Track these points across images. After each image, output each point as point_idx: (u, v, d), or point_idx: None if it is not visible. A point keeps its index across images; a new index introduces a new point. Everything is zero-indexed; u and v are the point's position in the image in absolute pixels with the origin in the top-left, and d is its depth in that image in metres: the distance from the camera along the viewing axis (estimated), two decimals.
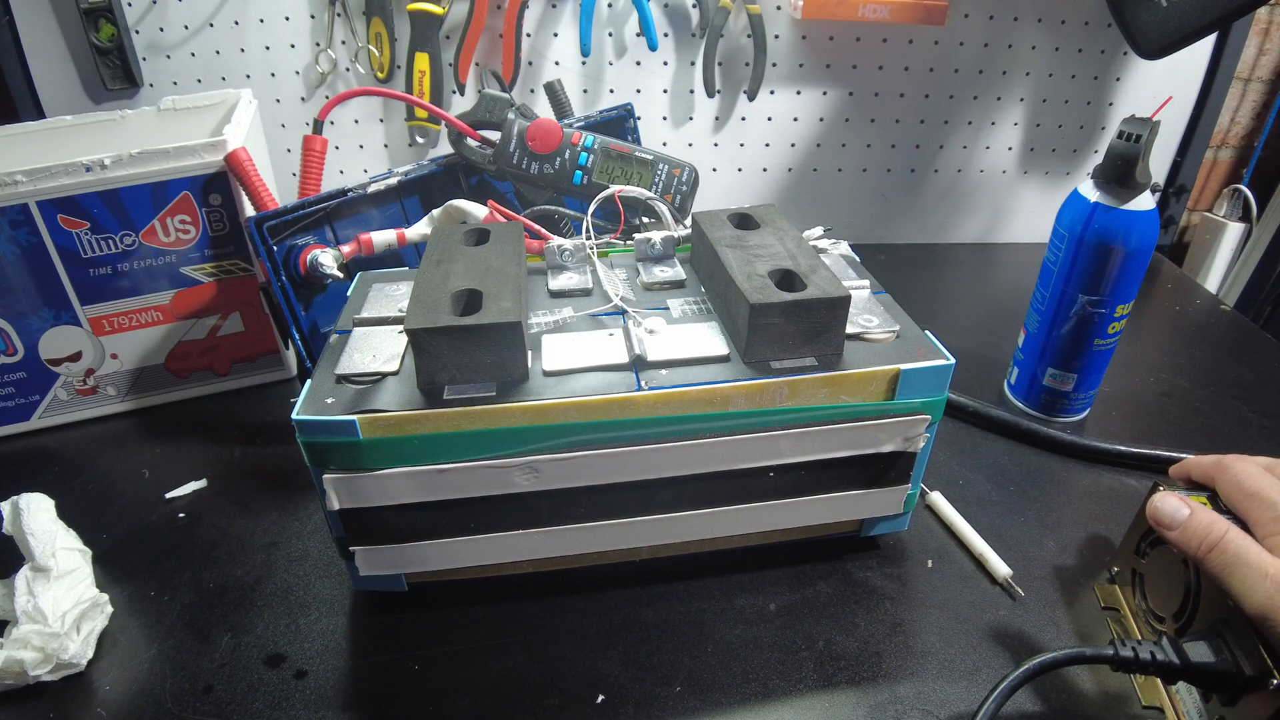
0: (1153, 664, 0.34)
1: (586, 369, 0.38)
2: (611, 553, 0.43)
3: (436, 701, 0.38)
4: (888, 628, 0.42)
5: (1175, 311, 0.77)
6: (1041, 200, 0.88)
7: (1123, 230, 0.50)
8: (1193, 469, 0.40)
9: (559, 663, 0.40)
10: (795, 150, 0.83)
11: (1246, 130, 0.99)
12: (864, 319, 0.42)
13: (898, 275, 0.80)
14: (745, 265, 0.41)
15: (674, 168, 0.59)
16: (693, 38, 0.76)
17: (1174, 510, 0.36)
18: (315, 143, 0.60)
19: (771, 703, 0.38)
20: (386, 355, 0.39)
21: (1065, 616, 0.43)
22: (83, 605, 0.40)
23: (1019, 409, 0.60)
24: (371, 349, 0.40)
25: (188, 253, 0.56)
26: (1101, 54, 0.80)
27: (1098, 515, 0.50)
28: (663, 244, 0.48)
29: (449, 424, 0.36)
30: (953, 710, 0.38)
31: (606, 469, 0.38)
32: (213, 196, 0.55)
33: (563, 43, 0.75)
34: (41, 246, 0.52)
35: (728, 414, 0.38)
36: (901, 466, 0.42)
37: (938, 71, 0.80)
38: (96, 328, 0.56)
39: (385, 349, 0.40)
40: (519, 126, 0.58)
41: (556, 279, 0.46)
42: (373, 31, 0.73)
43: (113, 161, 0.51)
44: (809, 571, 0.45)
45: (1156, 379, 0.65)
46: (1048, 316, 0.55)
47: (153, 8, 0.71)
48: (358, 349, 0.40)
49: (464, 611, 0.43)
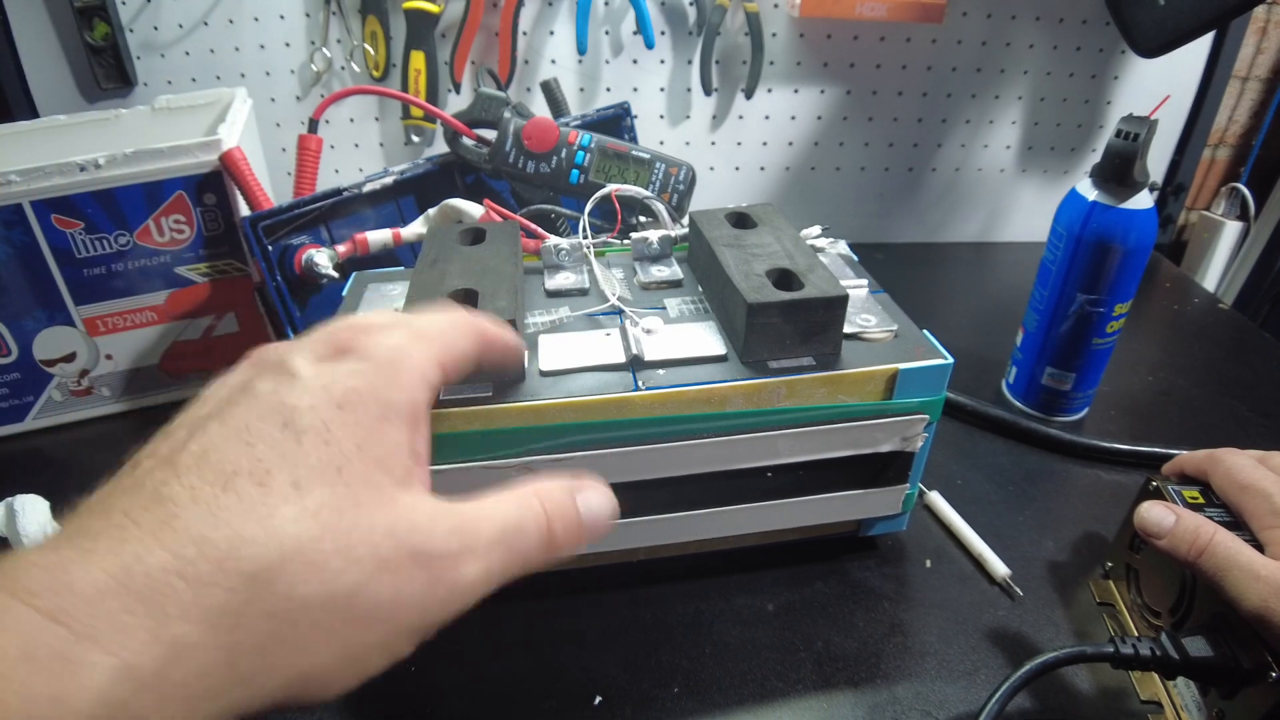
0: (1153, 660, 0.34)
1: (583, 369, 0.38)
2: (609, 553, 0.43)
3: (433, 703, 0.38)
4: (886, 628, 0.42)
5: (1173, 310, 0.77)
6: (1039, 199, 0.88)
7: (1121, 229, 0.50)
8: (1186, 464, 0.40)
9: (556, 664, 0.40)
10: (793, 149, 0.83)
11: (1244, 129, 0.99)
12: (862, 318, 0.41)
13: (896, 274, 0.79)
14: (743, 264, 0.40)
15: (671, 166, 0.59)
16: (690, 36, 0.76)
17: (1160, 518, 0.36)
18: (310, 142, 0.60)
19: (770, 703, 0.38)
20: None
21: (1064, 616, 0.43)
22: None
23: (1017, 408, 0.60)
24: None
25: (182, 253, 0.56)
26: (1099, 52, 0.80)
27: (1096, 514, 0.50)
28: (660, 243, 0.48)
29: (445, 425, 0.35)
30: (952, 710, 0.38)
31: (603, 469, 0.38)
32: (207, 196, 0.54)
33: (559, 41, 0.75)
34: (35, 247, 0.52)
35: (725, 414, 0.38)
36: (900, 466, 0.42)
37: (935, 70, 0.80)
38: (91, 328, 0.56)
39: None
40: (515, 125, 0.58)
41: (553, 278, 0.46)
42: (368, 30, 0.72)
43: (107, 161, 0.51)
44: (807, 572, 0.45)
45: (1155, 378, 0.65)
46: (1046, 315, 0.55)
47: (147, 6, 0.70)
48: None
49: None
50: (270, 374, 0.22)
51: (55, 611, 0.16)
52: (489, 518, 0.22)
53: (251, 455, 0.19)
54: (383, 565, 0.19)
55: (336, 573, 0.19)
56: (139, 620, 0.16)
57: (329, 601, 0.19)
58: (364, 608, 0.19)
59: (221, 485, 0.19)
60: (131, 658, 0.16)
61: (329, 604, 0.19)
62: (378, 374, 0.21)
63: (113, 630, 0.16)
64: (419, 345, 0.23)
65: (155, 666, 0.16)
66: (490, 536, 0.22)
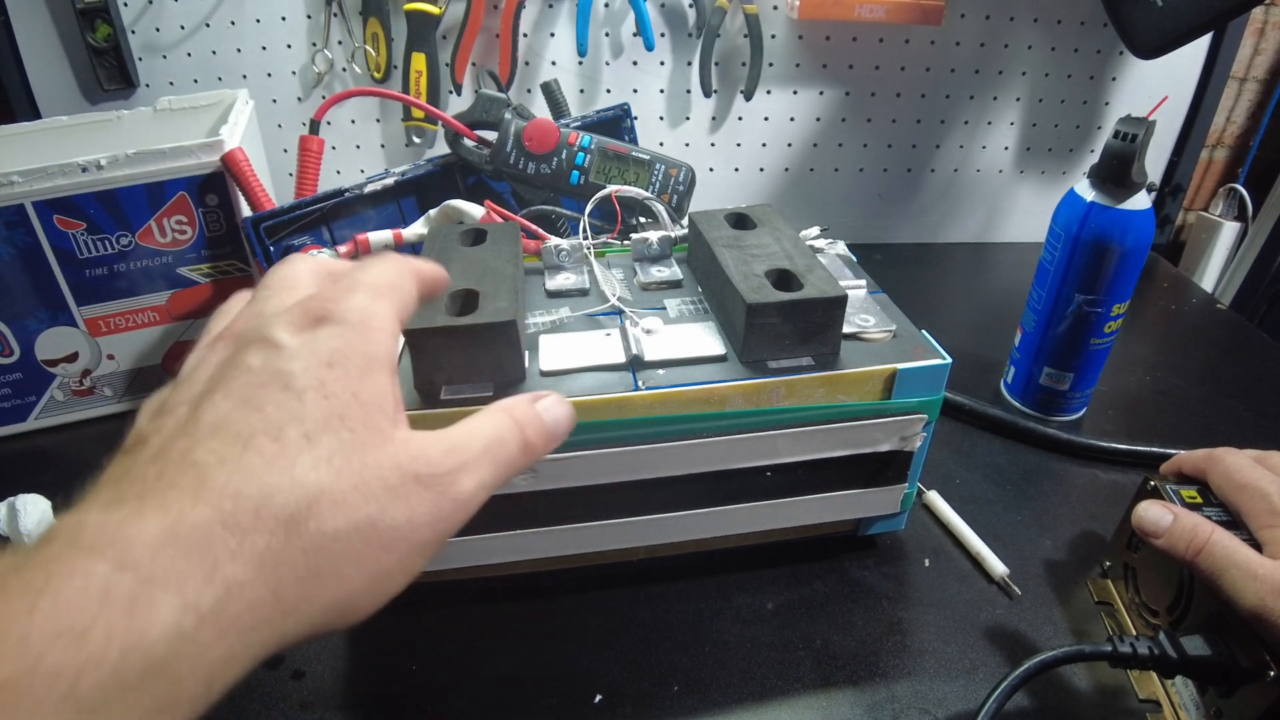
0: (1151, 659, 0.34)
1: (583, 369, 0.38)
2: (609, 553, 0.43)
3: (434, 702, 0.38)
4: (885, 627, 0.42)
5: (1171, 310, 0.77)
6: (1037, 200, 0.88)
7: (1119, 229, 0.50)
8: (1184, 463, 0.40)
9: (556, 663, 0.40)
10: (792, 150, 0.83)
11: (1242, 130, 0.99)
12: (860, 318, 0.42)
13: (894, 275, 0.80)
14: (742, 265, 0.41)
15: (671, 168, 0.59)
16: (689, 38, 0.76)
17: (1157, 518, 0.36)
18: (312, 143, 0.60)
19: (769, 702, 0.38)
20: None
21: (1062, 615, 0.43)
22: None
23: (1015, 408, 0.60)
24: None
25: (184, 253, 0.56)
26: (1097, 54, 0.80)
27: (1094, 513, 0.50)
28: (660, 244, 0.48)
29: (446, 424, 0.35)
30: (950, 709, 0.38)
31: (604, 469, 0.38)
32: (209, 197, 0.55)
33: (559, 43, 0.76)
34: (37, 247, 0.52)
35: (725, 414, 0.38)
36: (898, 465, 0.42)
37: (934, 71, 0.80)
38: (93, 328, 0.56)
39: None
40: (516, 126, 0.58)
41: (553, 279, 0.46)
42: (369, 31, 0.73)
43: (109, 162, 0.51)
44: (806, 571, 0.45)
45: (1153, 378, 0.65)
46: (1044, 316, 0.56)
47: (149, 8, 0.71)
48: None
49: (462, 611, 0.43)
50: (255, 348, 0.24)
51: (122, 562, 0.18)
52: (473, 435, 0.26)
53: (263, 417, 0.22)
54: (394, 494, 0.23)
55: (356, 507, 0.22)
56: (194, 566, 0.19)
57: (354, 533, 0.22)
58: (385, 533, 0.22)
59: (242, 446, 0.21)
60: (192, 597, 0.19)
61: (354, 534, 0.22)
62: (355, 334, 0.24)
63: (173, 575, 0.19)
64: (381, 302, 0.25)
65: (212, 604, 0.19)
66: (478, 451, 0.25)
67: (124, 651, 0.17)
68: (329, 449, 0.22)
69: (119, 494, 0.20)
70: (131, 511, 0.19)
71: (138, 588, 0.18)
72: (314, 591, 0.21)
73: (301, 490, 0.21)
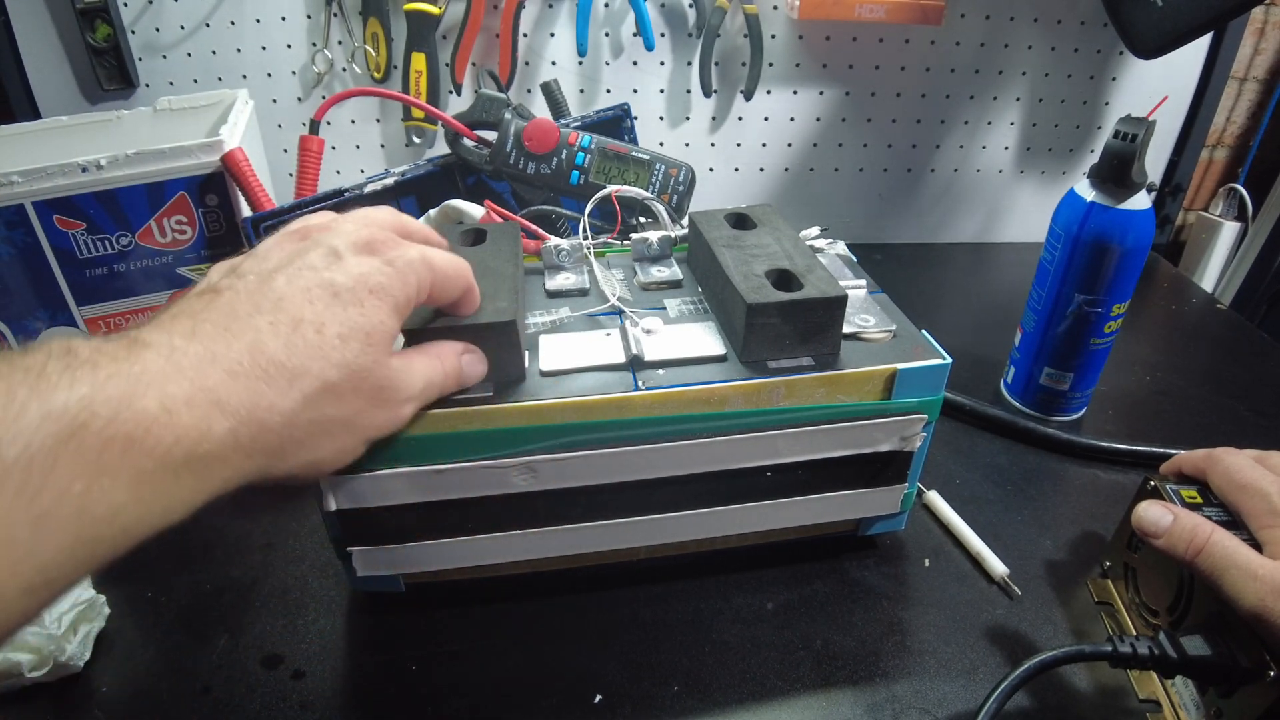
0: (1151, 659, 0.34)
1: (583, 369, 0.38)
2: (609, 553, 0.43)
3: (434, 702, 0.38)
4: (885, 627, 0.42)
5: (1171, 310, 0.77)
6: (1037, 200, 0.88)
7: (1119, 229, 0.50)
8: (1184, 463, 0.40)
9: (556, 663, 0.40)
10: (792, 150, 0.83)
11: (1242, 130, 0.99)
12: (860, 318, 0.42)
13: (894, 275, 0.80)
14: (742, 265, 0.41)
15: (671, 168, 0.59)
16: (689, 38, 0.76)
17: (1157, 518, 0.36)
18: (312, 143, 0.60)
19: (769, 702, 0.38)
20: None
21: (1062, 614, 0.43)
22: (79, 606, 0.40)
23: (1015, 408, 0.60)
24: None
25: (184, 253, 0.56)
26: (1097, 54, 0.80)
27: (1094, 513, 0.50)
28: (660, 244, 0.48)
29: (446, 424, 0.36)
30: (950, 709, 0.38)
31: (604, 469, 0.38)
32: (209, 197, 0.55)
33: (559, 43, 0.76)
34: (37, 247, 0.52)
35: (725, 414, 0.38)
36: (898, 466, 0.42)
37: (934, 71, 0.80)
38: (93, 329, 0.56)
39: None
40: (516, 126, 0.58)
41: (553, 279, 0.46)
42: (369, 31, 0.73)
43: (109, 162, 0.51)
44: (806, 571, 0.45)
45: (1153, 378, 0.65)
46: (1044, 316, 0.56)
47: (149, 8, 0.71)
48: None
49: (461, 612, 0.43)
50: (321, 251, 0.30)
51: (199, 384, 0.25)
52: (418, 375, 0.33)
53: (312, 310, 0.28)
54: (373, 402, 0.31)
55: (351, 404, 0.30)
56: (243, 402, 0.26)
57: (342, 422, 0.30)
58: (357, 426, 0.31)
59: (291, 327, 0.28)
60: (238, 426, 0.26)
61: (340, 422, 0.30)
62: (396, 277, 0.31)
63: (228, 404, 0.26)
64: (425, 269, 0.32)
65: (249, 434, 0.26)
66: (419, 389, 0.33)
67: (194, 441, 0.25)
68: (354, 354, 0.29)
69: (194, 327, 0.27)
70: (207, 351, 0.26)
71: (210, 403, 0.25)
72: (301, 451, 0.29)
73: (323, 379, 0.28)
